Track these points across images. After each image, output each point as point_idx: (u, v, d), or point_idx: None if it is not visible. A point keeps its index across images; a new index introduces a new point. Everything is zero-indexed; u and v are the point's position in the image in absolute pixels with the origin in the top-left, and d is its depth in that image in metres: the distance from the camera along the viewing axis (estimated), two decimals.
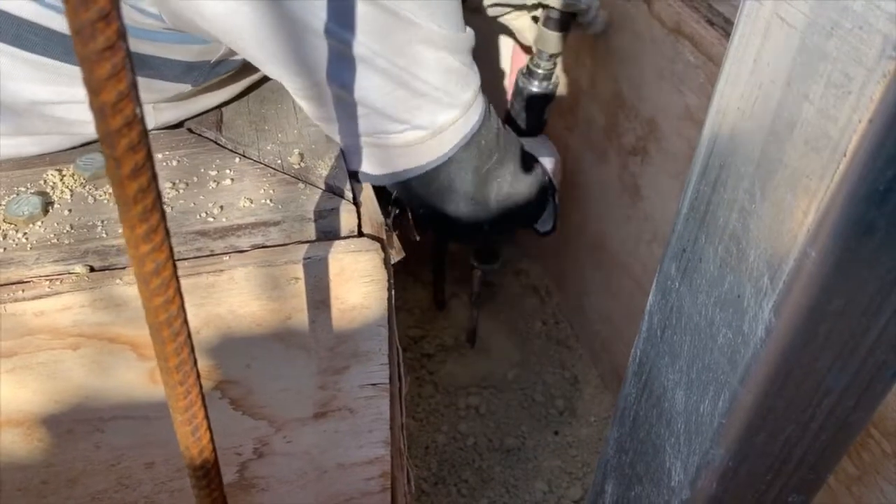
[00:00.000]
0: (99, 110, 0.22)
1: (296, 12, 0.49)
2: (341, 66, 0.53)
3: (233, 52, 0.56)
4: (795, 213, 0.33)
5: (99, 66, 0.21)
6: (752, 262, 0.36)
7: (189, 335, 0.29)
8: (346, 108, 0.56)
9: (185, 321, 0.29)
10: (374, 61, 0.53)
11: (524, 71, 0.93)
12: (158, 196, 0.25)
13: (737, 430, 0.41)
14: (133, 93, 0.22)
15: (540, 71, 0.91)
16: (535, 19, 0.91)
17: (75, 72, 0.52)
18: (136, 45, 0.52)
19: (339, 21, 0.50)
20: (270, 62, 0.53)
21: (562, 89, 1.12)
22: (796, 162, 0.32)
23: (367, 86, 0.54)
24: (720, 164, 0.38)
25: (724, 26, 0.78)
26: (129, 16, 0.50)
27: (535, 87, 0.93)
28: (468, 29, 0.60)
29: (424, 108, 0.58)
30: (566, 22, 0.87)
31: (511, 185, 0.73)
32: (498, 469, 1.07)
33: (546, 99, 0.94)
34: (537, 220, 0.86)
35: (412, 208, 0.71)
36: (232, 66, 0.60)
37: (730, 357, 0.39)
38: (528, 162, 0.76)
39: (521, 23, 0.93)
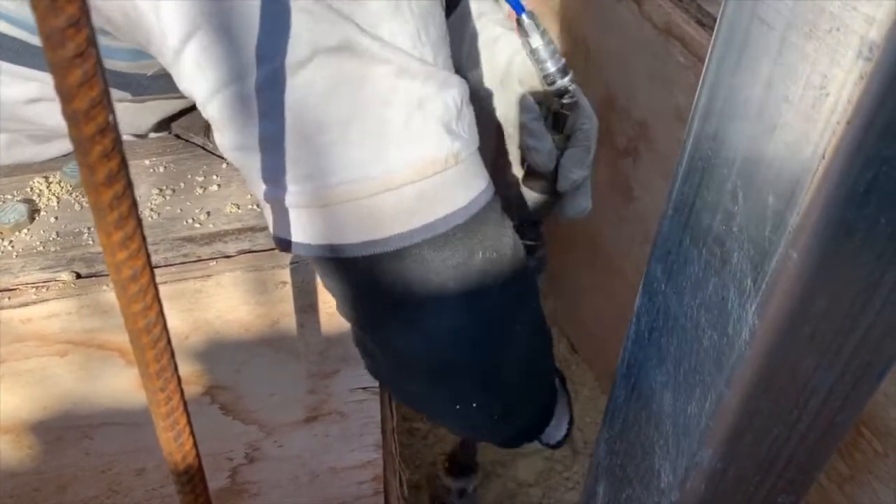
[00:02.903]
0: (71, 117, 0.22)
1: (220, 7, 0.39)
2: (247, 76, 0.40)
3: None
4: (777, 215, 0.33)
5: (70, 73, 0.21)
6: (736, 264, 0.36)
7: (169, 341, 0.29)
8: (249, 141, 0.42)
9: (165, 327, 0.29)
10: (285, 74, 0.40)
11: None
12: (134, 203, 0.25)
13: (723, 431, 0.41)
14: (106, 100, 0.22)
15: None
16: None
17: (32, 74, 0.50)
18: None
19: (256, 18, 0.39)
20: (178, 56, 0.40)
21: None
22: (777, 164, 0.32)
23: (271, 107, 0.40)
24: (703, 167, 0.38)
25: (714, 26, 0.78)
26: None
27: None
28: (453, 75, 0.44)
29: (336, 152, 0.41)
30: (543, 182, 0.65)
31: (523, 359, 0.51)
32: (495, 473, 1.07)
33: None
34: (538, 433, 0.62)
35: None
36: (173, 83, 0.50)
37: (715, 359, 0.40)
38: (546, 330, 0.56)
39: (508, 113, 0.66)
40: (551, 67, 0.59)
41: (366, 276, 0.45)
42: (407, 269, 0.44)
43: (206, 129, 0.61)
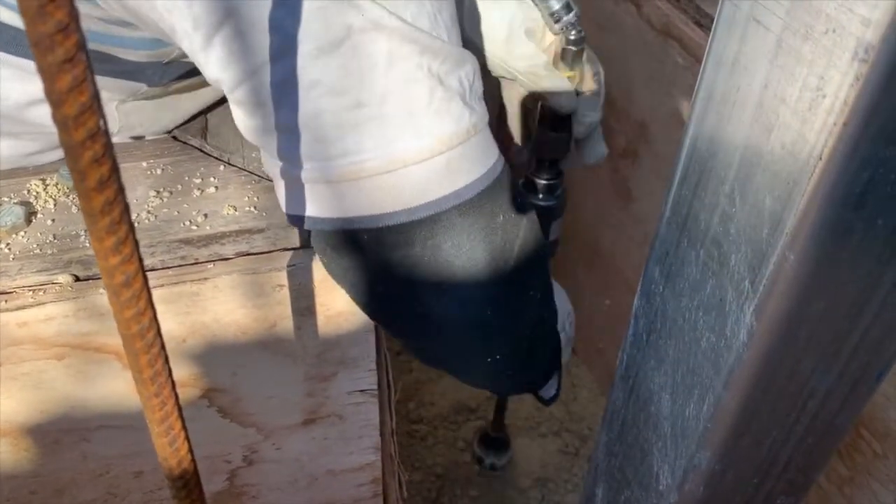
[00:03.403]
0: (62, 123, 0.22)
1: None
2: (282, 65, 0.42)
3: (184, 54, 0.47)
4: (774, 217, 0.33)
5: (59, 79, 0.21)
6: (734, 266, 0.36)
7: (163, 346, 0.29)
8: (284, 120, 0.44)
9: (158, 332, 0.29)
10: (316, 56, 0.42)
11: (523, 182, 0.73)
12: (126, 208, 0.25)
13: (722, 433, 0.41)
14: (96, 104, 0.22)
15: (541, 182, 0.72)
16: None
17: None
18: None
19: (288, 12, 0.41)
20: (206, 51, 0.43)
21: None
22: (774, 165, 0.32)
23: (306, 88, 0.43)
24: (700, 168, 0.37)
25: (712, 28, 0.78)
26: None
27: (536, 201, 0.73)
28: (465, 51, 0.47)
29: (371, 128, 0.44)
30: (560, 122, 0.67)
31: (539, 316, 0.55)
32: (493, 475, 1.07)
33: (551, 214, 0.74)
34: (542, 385, 0.65)
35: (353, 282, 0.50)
36: (186, 67, 0.54)
37: (713, 361, 0.39)
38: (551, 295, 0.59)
39: (511, 93, 0.70)
40: (555, 5, 0.61)
41: (398, 246, 0.47)
42: (438, 234, 0.47)
43: (204, 131, 0.61)
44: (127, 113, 0.57)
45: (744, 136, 0.34)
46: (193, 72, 0.55)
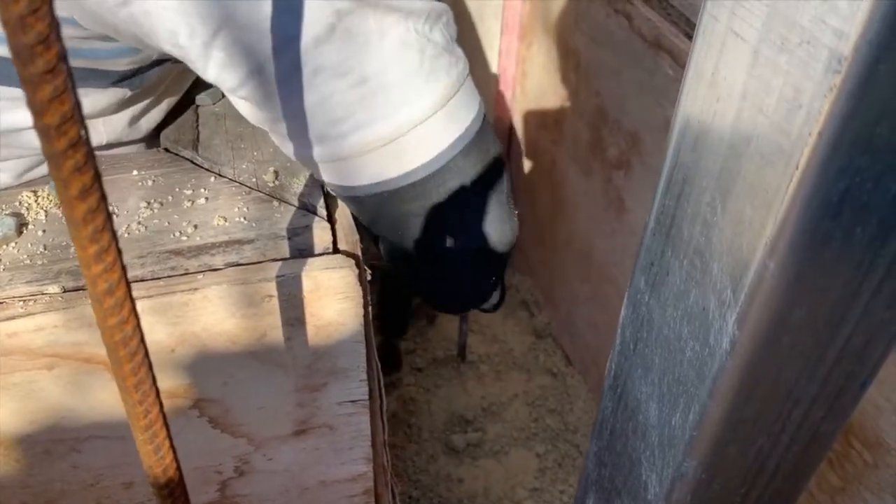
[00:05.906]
0: (43, 132, 0.22)
1: (239, 4, 0.43)
2: (284, 60, 0.45)
3: (162, 54, 0.49)
4: (754, 226, 0.33)
5: (40, 89, 0.21)
6: (716, 276, 0.37)
7: (146, 354, 0.29)
8: (292, 109, 0.47)
9: (142, 340, 0.29)
10: (314, 45, 0.45)
11: None
12: (109, 217, 0.25)
13: (707, 442, 0.41)
14: (77, 114, 0.23)
15: None
16: None
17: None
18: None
19: (283, 9, 0.43)
20: (205, 57, 0.45)
21: (548, 105, 1.13)
22: (753, 175, 0.32)
23: (310, 76, 0.45)
24: (683, 178, 0.38)
25: None
26: None
27: None
28: (436, 2, 0.49)
29: (377, 100, 0.46)
30: None
31: (500, 233, 0.57)
32: (487, 484, 1.07)
33: None
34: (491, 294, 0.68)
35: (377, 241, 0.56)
36: (169, 68, 0.56)
37: (698, 369, 0.40)
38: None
39: None
40: None
41: (418, 199, 0.52)
42: (448, 180, 0.51)
43: (195, 142, 0.61)
44: (112, 123, 0.58)
45: (724, 146, 0.34)
46: (167, 62, 0.56)
